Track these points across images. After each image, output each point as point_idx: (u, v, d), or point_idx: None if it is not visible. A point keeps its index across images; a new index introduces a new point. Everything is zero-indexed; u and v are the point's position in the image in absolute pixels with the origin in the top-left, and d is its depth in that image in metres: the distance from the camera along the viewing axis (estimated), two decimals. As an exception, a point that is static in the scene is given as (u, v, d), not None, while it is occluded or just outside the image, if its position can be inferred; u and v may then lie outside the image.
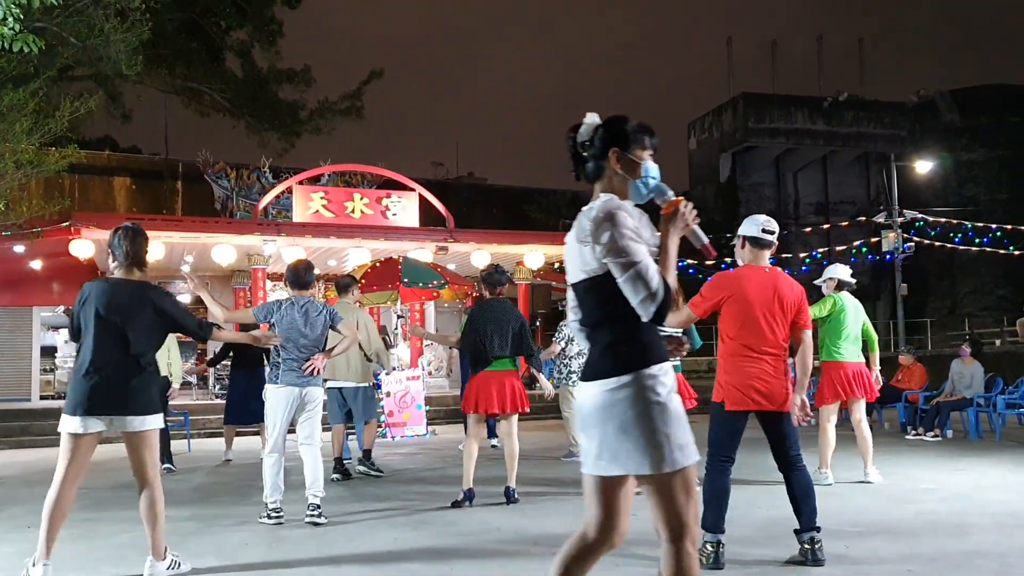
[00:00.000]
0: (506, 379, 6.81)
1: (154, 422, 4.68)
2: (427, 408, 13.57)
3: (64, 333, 23.24)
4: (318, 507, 6.19)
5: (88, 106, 12.82)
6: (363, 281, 13.20)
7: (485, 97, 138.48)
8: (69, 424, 4.53)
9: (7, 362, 19.39)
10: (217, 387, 16.68)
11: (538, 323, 20.05)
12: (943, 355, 13.78)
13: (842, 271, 7.91)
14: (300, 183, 18.04)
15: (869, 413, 12.81)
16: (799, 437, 4.94)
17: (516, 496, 6.91)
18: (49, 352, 22.23)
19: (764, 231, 4.97)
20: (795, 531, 4.81)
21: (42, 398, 19.34)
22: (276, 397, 6.26)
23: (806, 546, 4.73)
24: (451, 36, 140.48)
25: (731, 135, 38.97)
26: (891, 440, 11.40)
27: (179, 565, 4.75)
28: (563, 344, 9.56)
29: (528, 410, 6.99)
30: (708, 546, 4.66)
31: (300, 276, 6.51)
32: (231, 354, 10.14)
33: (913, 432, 11.77)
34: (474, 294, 15.30)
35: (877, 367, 8.02)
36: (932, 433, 11.43)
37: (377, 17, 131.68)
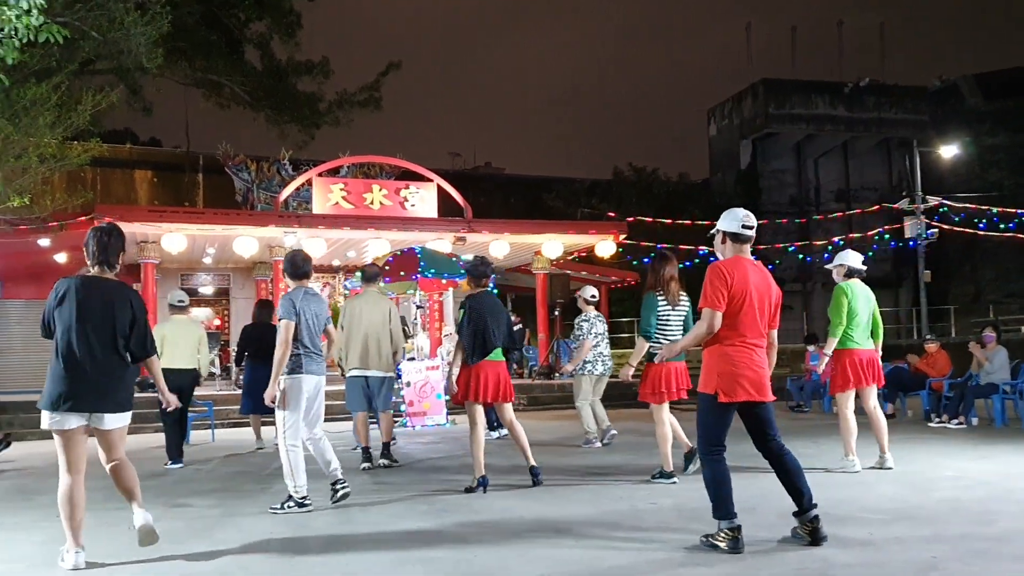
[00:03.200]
0: (500, 369, 7.00)
1: (126, 419, 4.87)
2: (447, 397, 13.61)
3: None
4: (343, 480, 6.42)
5: (109, 100, 12.94)
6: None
7: (502, 87, 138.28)
8: (51, 420, 4.70)
9: (33, 354, 19.55)
10: (240, 378, 16.77)
11: (556, 312, 20.03)
12: (967, 342, 13.66)
13: (852, 258, 7.83)
14: (320, 175, 18.11)
15: (892, 400, 12.82)
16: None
17: (540, 475, 7.02)
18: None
19: (744, 227, 4.96)
20: (794, 514, 4.85)
21: (67, 389, 19.52)
22: (300, 386, 6.27)
23: (809, 525, 4.76)
24: (468, 25, 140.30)
25: (751, 122, 38.71)
26: (915, 428, 11.33)
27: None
28: (589, 336, 9.62)
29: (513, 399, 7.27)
30: (727, 532, 4.68)
31: (299, 267, 6.53)
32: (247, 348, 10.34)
33: (937, 420, 11.68)
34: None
35: (880, 354, 7.93)
36: (956, 420, 11.34)
37: (394, 7, 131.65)
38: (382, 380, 8.59)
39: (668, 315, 7.00)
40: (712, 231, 5.13)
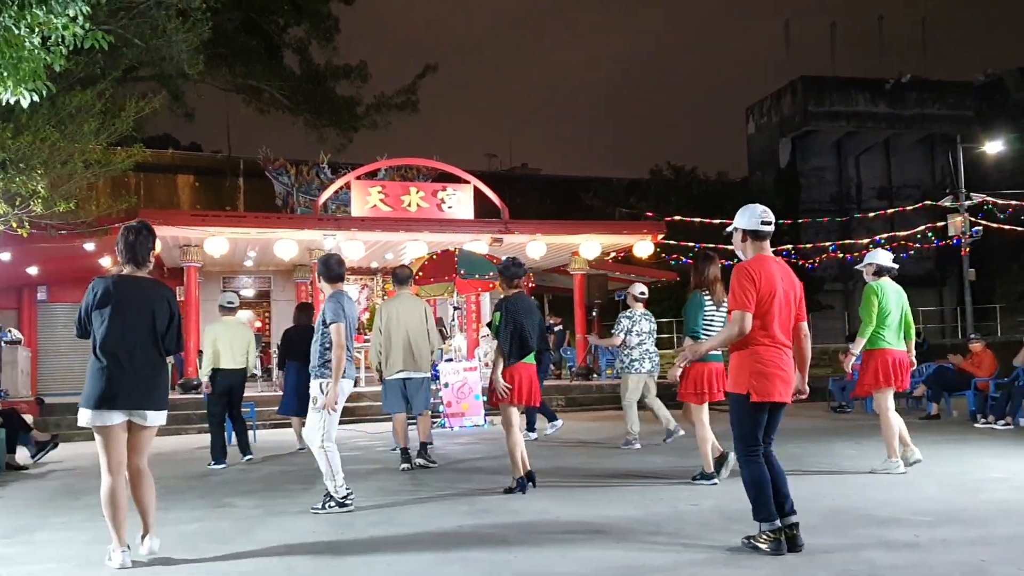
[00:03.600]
0: (532, 372, 7.01)
1: (163, 418, 4.94)
2: (485, 398, 13.65)
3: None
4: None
5: (152, 106, 13.12)
6: (420, 274, 13.31)
7: (538, 87, 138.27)
8: (93, 417, 4.73)
9: (79, 357, 19.97)
10: (283, 379, 16.92)
11: (594, 313, 19.97)
12: (1013, 341, 13.41)
13: (882, 257, 7.72)
14: (358, 178, 18.22)
15: (937, 400, 12.63)
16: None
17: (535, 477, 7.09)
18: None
19: (763, 223, 4.91)
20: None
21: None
22: (342, 390, 6.35)
23: (788, 531, 4.70)
24: (504, 27, 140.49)
25: (790, 119, 38.35)
26: (960, 428, 11.15)
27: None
28: (623, 335, 9.61)
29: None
30: (769, 533, 4.65)
31: (333, 269, 6.58)
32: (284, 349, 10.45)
33: (983, 420, 11.49)
34: (532, 284, 15.34)
35: (912, 354, 7.80)
36: (1003, 421, 11.14)
37: (430, 9, 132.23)
38: (420, 381, 8.65)
39: (713, 315, 6.94)
40: (728, 229, 5.09)
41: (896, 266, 7.74)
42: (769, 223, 4.92)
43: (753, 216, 4.93)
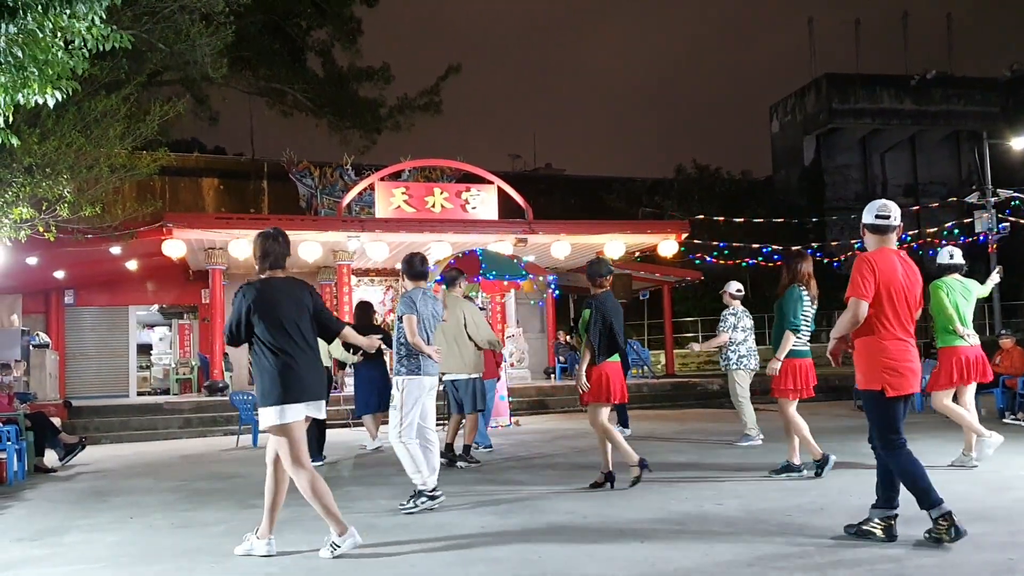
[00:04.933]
0: (620, 370, 7.06)
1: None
2: (511, 399, 13.65)
3: (159, 331, 24.07)
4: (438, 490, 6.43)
5: (176, 110, 13.21)
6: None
7: (561, 88, 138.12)
8: (292, 413, 4.90)
9: (106, 360, 20.20)
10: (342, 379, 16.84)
11: (620, 313, 19.88)
12: (1044, 338, 13.21)
13: (940, 255, 7.74)
14: (382, 179, 18.28)
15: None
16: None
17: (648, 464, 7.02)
18: (144, 349, 23.08)
19: (879, 216, 5.00)
20: (930, 514, 4.73)
21: (139, 394, 20.09)
22: (419, 386, 6.36)
23: (944, 522, 4.60)
24: (527, 27, 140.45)
25: (814, 117, 38.09)
26: (988, 426, 10.97)
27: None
28: (731, 331, 9.63)
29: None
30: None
31: (415, 267, 6.65)
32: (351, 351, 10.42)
33: (1011, 417, 11.36)
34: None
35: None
36: (1033, 419, 11.00)
37: (454, 10, 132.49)
38: (467, 383, 8.82)
39: (808, 310, 7.22)
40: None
41: (958, 262, 7.70)
42: (886, 217, 4.99)
43: (870, 211, 5.05)
